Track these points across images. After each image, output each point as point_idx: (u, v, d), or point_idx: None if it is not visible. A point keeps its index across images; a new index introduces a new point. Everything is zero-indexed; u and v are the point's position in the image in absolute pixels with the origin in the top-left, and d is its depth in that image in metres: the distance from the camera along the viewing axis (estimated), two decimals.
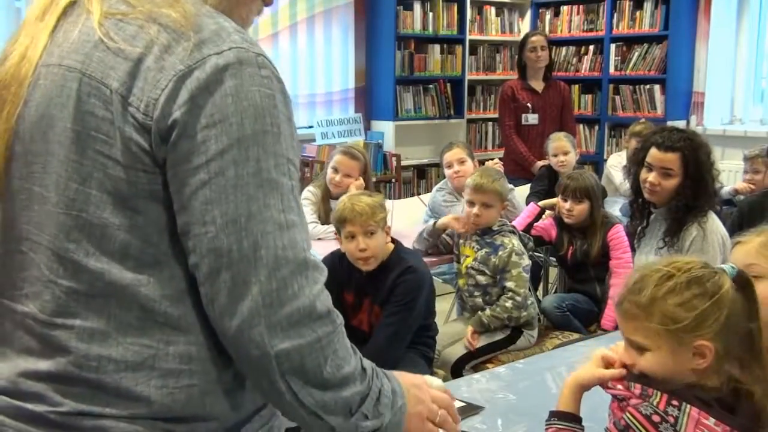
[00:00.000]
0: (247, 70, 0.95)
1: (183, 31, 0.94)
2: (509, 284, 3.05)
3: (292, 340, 0.94)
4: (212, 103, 0.92)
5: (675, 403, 1.30)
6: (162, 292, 0.96)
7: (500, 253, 3.07)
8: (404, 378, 1.14)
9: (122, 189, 0.94)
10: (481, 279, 3.12)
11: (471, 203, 3.09)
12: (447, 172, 4.10)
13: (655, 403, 1.31)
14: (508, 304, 3.06)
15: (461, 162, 4.00)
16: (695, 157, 2.71)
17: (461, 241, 3.23)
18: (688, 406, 1.29)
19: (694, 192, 2.71)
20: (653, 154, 2.75)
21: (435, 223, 3.37)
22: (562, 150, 4.53)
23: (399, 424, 1.07)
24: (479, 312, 3.10)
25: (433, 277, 4.12)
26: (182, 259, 0.97)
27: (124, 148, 0.93)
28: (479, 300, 3.14)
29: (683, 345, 1.32)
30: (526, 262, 3.12)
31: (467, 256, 3.16)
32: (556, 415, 1.47)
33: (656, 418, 1.29)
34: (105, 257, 0.95)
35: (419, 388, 1.16)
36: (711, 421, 1.29)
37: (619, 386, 1.37)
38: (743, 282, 1.35)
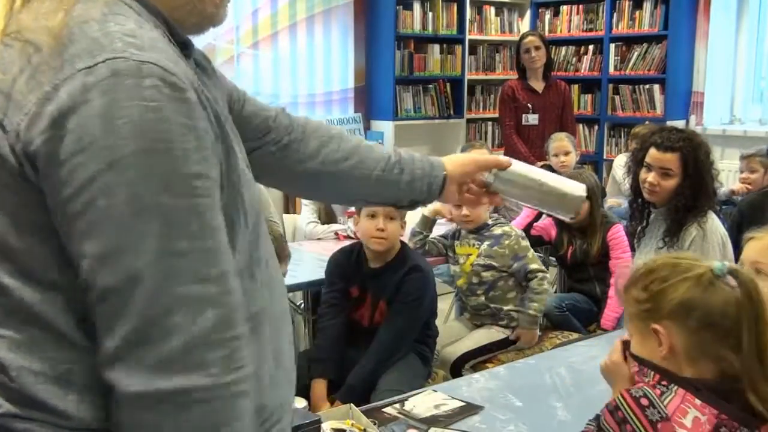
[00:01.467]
0: (126, 82, 0.83)
1: (55, 46, 0.85)
2: (534, 266, 3.09)
3: (153, 383, 0.83)
4: (78, 126, 0.82)
5: (664, 382, 1.35)
6: (64, 316, 0.93)
7: (506, 242, 3.09)
8: None
9: (19, 213, 0.90)
10: (487, 275, 3.11)
11: (457, 206, 3.11)
12: None
13: (647, 380, 1.36)
14: (544, 285, 3.09)
15: None
16: (694, 156, 2.71)
17: (456, 242, 3.23)
18: (676, 386, 1.34)
19: (693, 192, 2.71)
20: (652, 154, 2.76)
21: (423, 213, 3.39)
22: (563, 150, 4.54)
23: None
24: (521, 313, 3.08)
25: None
26: (76, 286, 0.91)
27: (10, 174, 0.88)
28: (482, 298, 3.14)
29: (647, 329, 1.39)
30: (527, 242, 3.20)
31: (469, 255, 3.16)
32: None
33: (644, 402, 1.33)
34: (17, 278, 0.92)
35: None
36: (698, 402, 1.32)
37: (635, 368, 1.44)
38: (741, 282, 1.35)
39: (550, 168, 4.58)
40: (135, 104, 0.83)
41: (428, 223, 3.37)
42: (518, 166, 1.42)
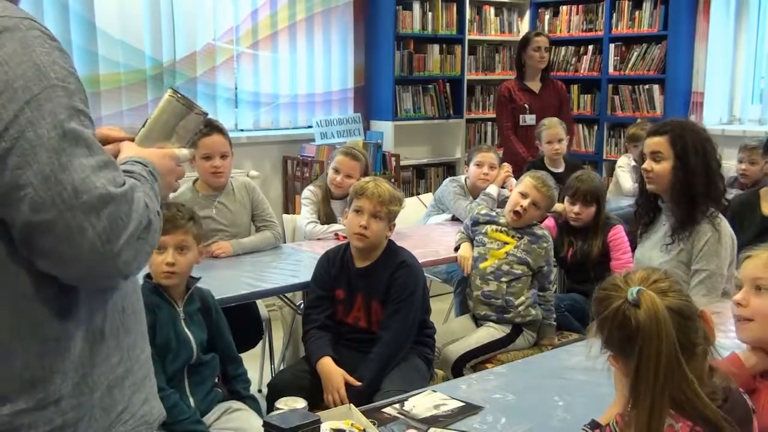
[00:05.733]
0: (17, 35, 0.98)
1: None
2: (553, 275, 3.23)
3: (131, 250, 1.06)
4: None
5: None
6: None
7: (544, 244, 3.17)
8: (156, 158, 1.27)
9: None
10: (518, 269, 3.14)
11: (524, 195, 3.17)
12: (474, 170, 4.14)
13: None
14: (550, 291, 3.21)
15: (492, 167, 4.09)
16: (682, 137, 2.74)
17: (488, 226, 3.22)
18: None
19: (687, 174, 2.72)
20: (646, 142, 2.83)
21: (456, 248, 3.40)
22: (557, 137, 4.57)
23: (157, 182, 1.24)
24: (547, 325, 3.19)
25: (432, 276, 4.17)
26: None
27: None
28: (504, 287, 3.13)
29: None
30: None
31: (504, 243, 3.17)
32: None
33: None
34: None
35: (168, 159, 1.31)
36: (671, 411, 1.36)
37: None
38: (647, 308, 1.37)
39: (534, 164, 4.59)
40: (30, 51, 0.99)
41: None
42: (142, 131, 1.38)
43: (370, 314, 2.78)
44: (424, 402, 1.99)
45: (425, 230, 4.06)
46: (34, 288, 1.05)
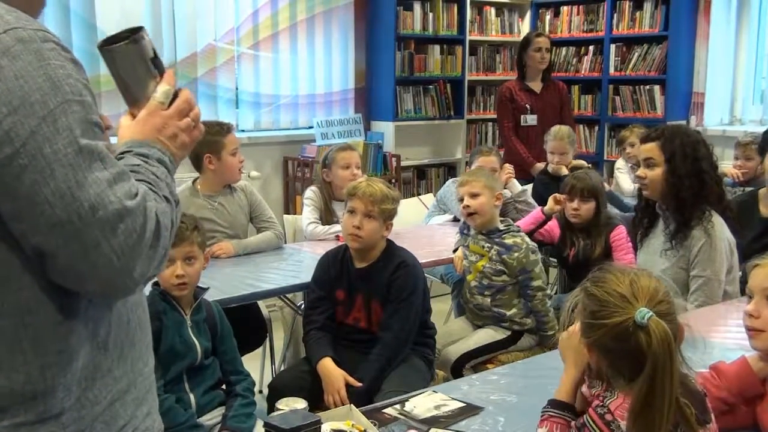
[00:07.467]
0: (31, 47, 0.97)
1: None
2: (536, 283, 3.06)
3: (145, 262, 1.05)
4: (4, 89, 0.95)
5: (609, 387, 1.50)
6: None
7: (515, 254, 3.04)
8: (141, 126, 1.19)
9: None
10: (498, 281, 3.09)
11: (461, 199, 3.12)
12: None
13: (608, 403, 1.44)
14: (546, 303, 3.10)
15: (493, 170, 4.09)
16: (672, 142, 2.75)
17: (470, 239, 3.19)
18: (618, 390, 1.47)
19: (676, 178, 2.72)
20: (639, 149, 2.84)
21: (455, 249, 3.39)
22: (560, 150, 4.58)
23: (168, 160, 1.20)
24: (542, 335, 3.12)
25: (432, 277, 4.17)
26: None
27: None
28: (488, 300, 3.11)
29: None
30: (539, 255, 3.16)
31: (480, 256, 3.13)
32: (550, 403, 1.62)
33: (609, 417, 1.43)
34: None
35: (152, 116, 1.21)
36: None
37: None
38: (658, 337, 1.39)
39: (546, 173, 4.61)
40: (46, 63, 0.98)
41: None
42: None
43: (370, 315, 2.78)
44: (424, 402, 1.99)
45: (427, 231, 4.06)
46: (39, 301, 1.04)
